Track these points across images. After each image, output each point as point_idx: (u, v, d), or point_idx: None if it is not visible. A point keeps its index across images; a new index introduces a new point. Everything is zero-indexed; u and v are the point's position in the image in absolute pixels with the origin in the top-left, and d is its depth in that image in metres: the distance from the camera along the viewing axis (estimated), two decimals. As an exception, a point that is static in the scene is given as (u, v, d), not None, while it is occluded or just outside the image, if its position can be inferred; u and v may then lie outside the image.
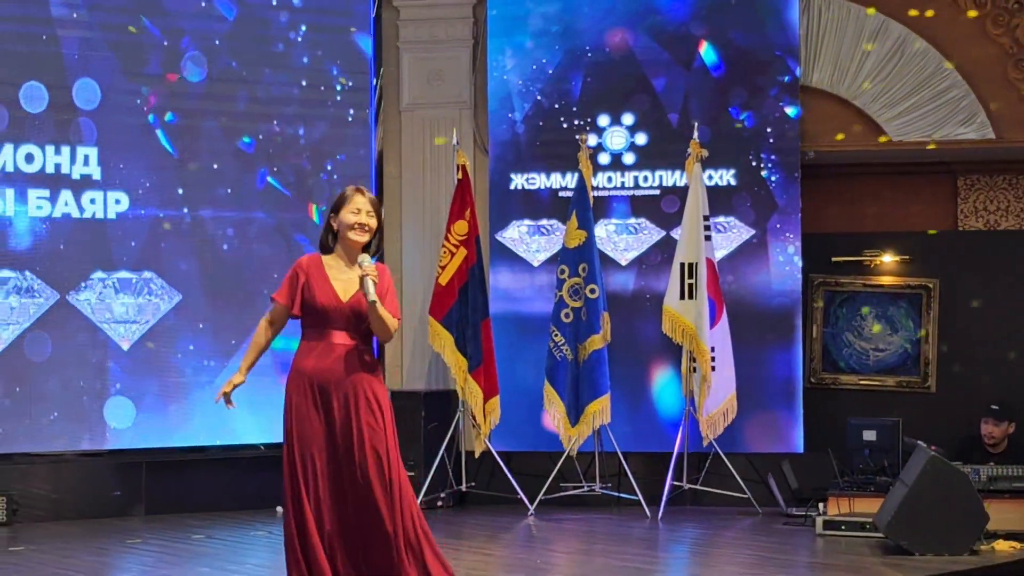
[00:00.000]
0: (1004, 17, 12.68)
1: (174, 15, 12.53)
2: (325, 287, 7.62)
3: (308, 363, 7.62)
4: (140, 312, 12.35)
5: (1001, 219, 13.49)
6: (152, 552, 10.56)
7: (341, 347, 7.68)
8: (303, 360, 7.65)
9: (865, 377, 13.47)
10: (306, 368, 7.63)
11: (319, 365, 7.67)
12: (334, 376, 7.64)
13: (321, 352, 7.67)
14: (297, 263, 7.72)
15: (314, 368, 7.64)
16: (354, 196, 7.77)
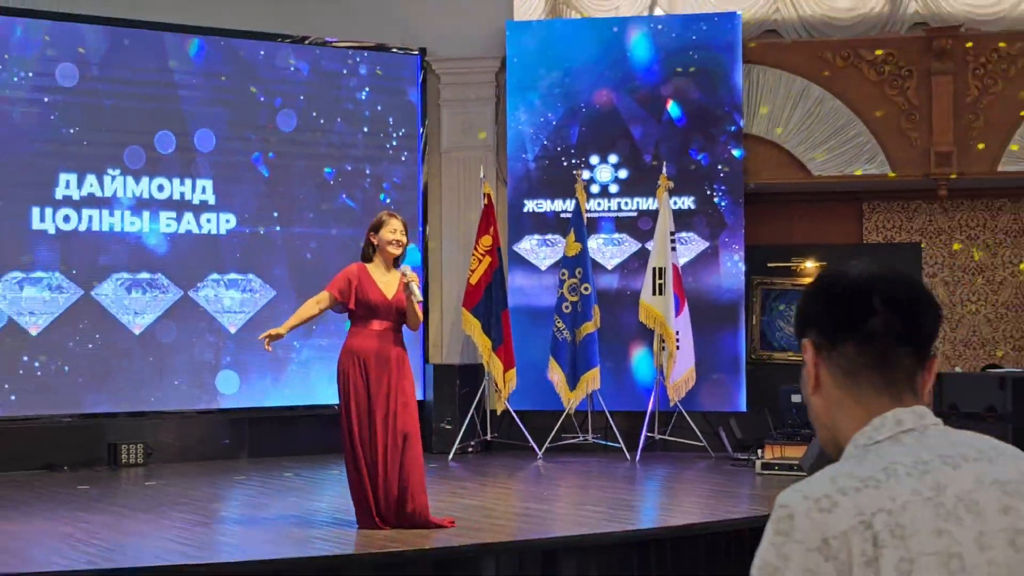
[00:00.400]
0: (898, 82, 12.67)
1: (270, 80, 12.56)
2: (374, 288, 7.97)
3: (356, 343, 7.99)
4: (243, 305, 12.37)
5: (895, 235, 13.48)
6: (253, 486, 10.61)
7: (382, 332, 7.97)
8: (353, 341, 8.06)
9: (793, 354, 13.46)
10: (355, 347, 7.99)
11: (365, 344, 8.00)
12: (377, 352, 7.92)
13: (367, 335, 8.02)
14: (349, 270, 8.11)
15: (360, 347, 8.00)
16: (390, 220, 8.16)
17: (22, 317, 11.43)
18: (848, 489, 2.06)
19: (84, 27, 11.84)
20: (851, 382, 2.21)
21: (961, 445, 2.15)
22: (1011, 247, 13.30)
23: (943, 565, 2.04)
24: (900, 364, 2.19)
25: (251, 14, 12.96)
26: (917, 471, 2.08)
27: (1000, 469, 2.14)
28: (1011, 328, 13.30)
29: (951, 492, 2.07)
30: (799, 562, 2.04)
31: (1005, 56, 12.57)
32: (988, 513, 2.09)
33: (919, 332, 2.20)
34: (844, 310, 2.22)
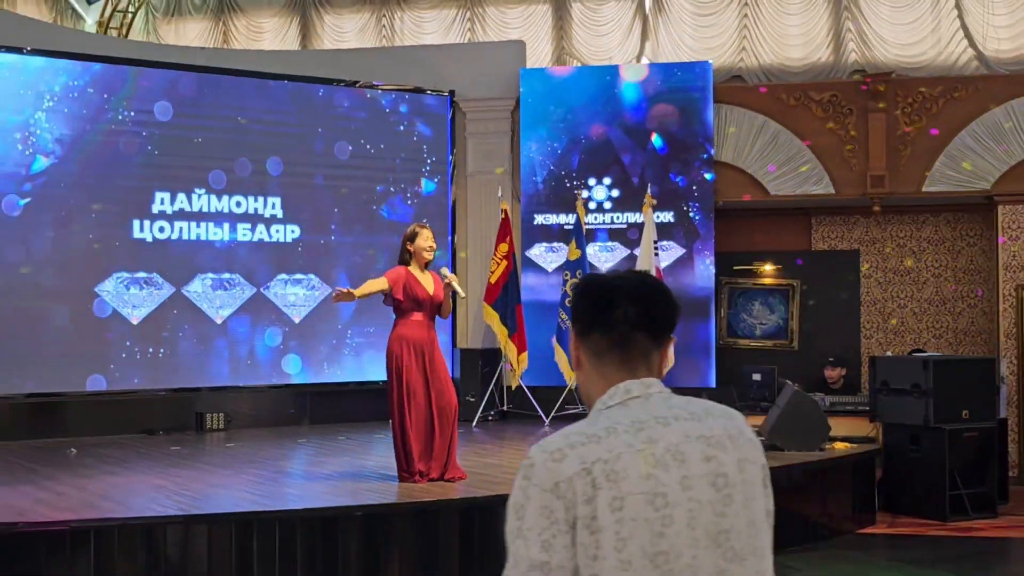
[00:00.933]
0: (840, 118, 12.64)
1: (328, 117, 12.57)
2: (419, 286, 8.01)
3: (405, 331, 8.07)
4: (306, 300, 12.38)
5: (837, 243, 13.45)
6: (313, 447, 10.62)
7: (422, 322, 8.03)
8: (401, 330, 8.13)
9: (754, 341, 13.44)
10: (404, 334, 8.06)
11: (412, 333, 8.06)
12: (420, 339, 7.97)
13: (413, 324, 8.07)
14: (397, 271, 8.31)
15: (409, 334, 8.03)
16: (423, 230, 8.24)
17: (126, 309, 11.46)
18: (576, 444, 2.25)
19: (178, 73, 11.86)
20: (599, 361, 2.38)
21: (676, 408, 2.33)
22: (932, 253, 13.27)
23: (649, 502, 2.21)
24: (637, 346, 2.37)
25: (313, 63, 13.00)
26: (634, 428, 2.26)
27: (706, 426, 2.31)
28: (932, 320, 13.26)
29: (661, 445, 2.25)
30: (537, 500, 2.23)
31: (928, 97, 12.53)
32: (692, 461, 2.26)
33: (653, 321, 2.38)
34: (594, 306, 2.40)
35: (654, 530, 2.21)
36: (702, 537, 2.24)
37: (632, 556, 2.20)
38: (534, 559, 2.23)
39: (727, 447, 2.31)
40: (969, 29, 13.25)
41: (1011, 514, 10.38)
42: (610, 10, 14.20)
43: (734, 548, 2.27)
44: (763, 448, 2.40)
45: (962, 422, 10.17)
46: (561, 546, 2.22)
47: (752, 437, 2.39)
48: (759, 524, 2.32)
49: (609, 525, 2.20)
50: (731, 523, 2.27)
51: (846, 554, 8.87)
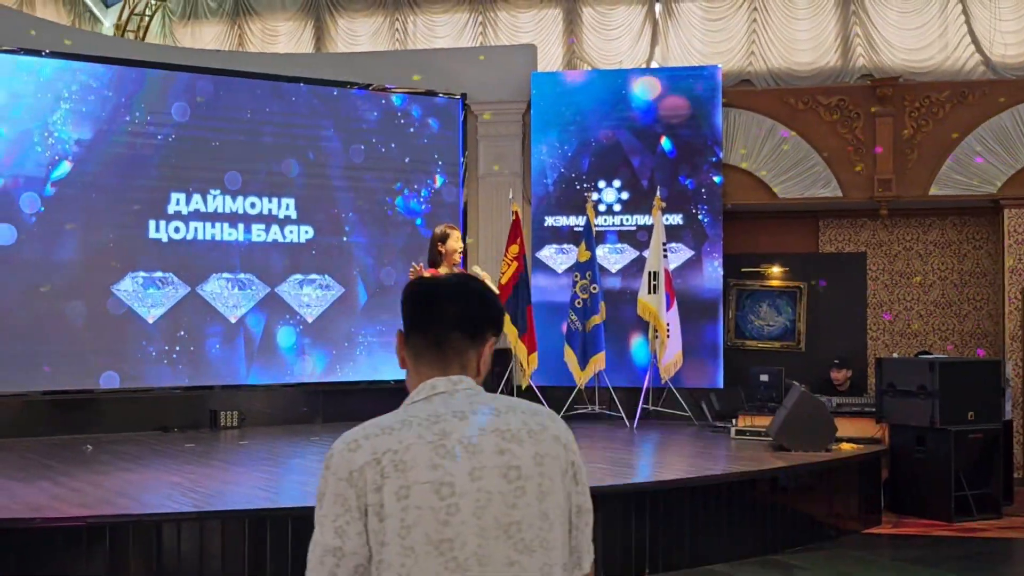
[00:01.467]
0: (848, 122, 12.63)
1: (344, 119, 12.57)
2: None
3: None
4: (319, 300, 12.39)
5: (845, 246, 13.43)
6: (325, 444, 10.54)
7: None
8: None
9: (761, 342, 13.43)
10: None
11: None
12: None
13: None
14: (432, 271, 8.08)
15: None
16: (454, 232, 8.17)
17: (142, 308, 11.48)
18: (371, 435, 2.36)
19: (194, 76, 11.88)
20: (417, 361, 2.49)
21: (478, 403, 2.40)
22: (939, 256, 13.25)
23: (435, 491, 2.28)
24: (452, 346, 2.46)
25: (327, 66, 13.01)
26: (429, 421, 2.35)
27: (504, 421, 2.37)
28: (938, 322, 13.23)
29: (454, 437, 2.32)
30: (333, 488, 2.32)
31: (935, 102, 12.51)
32: (485, 453, 2.32)
33: (468, 322, 2.47)
34: (414, 308, 2.52)
35: (439, 518, 2.27)
36: (491, 527, 2.29)
37: (416, 543, 2.25)
38: (328, 544, 2.30)
39: (524, 441, 2.36)
40: (976, 34, 13.22)
41: (1016, 515, 10.35)
42: (620, 14, 14.20)
43: (524, 540, 2.31)
44: (575, 448, 2.47)
45: (967, 424, 10.14)
46: (354, 532, 2.29)
47: (560, 435, 2.44)
48: (553, 518, 2.35)
49: (395, 512, 2.27)
50: (522, 515, 2.32)
51: (852, 554, 8.85)
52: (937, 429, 10.05)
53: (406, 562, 2.25)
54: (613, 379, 12.39)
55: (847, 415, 10.65)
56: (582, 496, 2.46)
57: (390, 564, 2.27)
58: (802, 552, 8.77)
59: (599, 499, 7.65)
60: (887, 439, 10.51)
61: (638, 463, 10.01)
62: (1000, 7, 13.19)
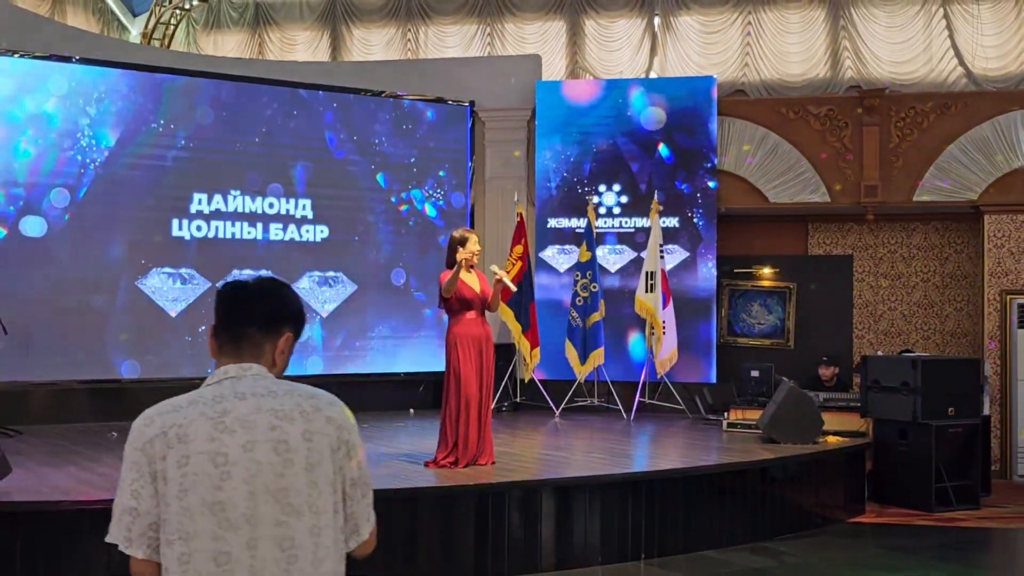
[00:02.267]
0: (836, 130, 12.63)
1: (359, 125, 12.59)
2: (467, 287, 8.08)
3: (461, 329, 8.15)
4: (334, 296, 12.42)
5: (832, 249, 13.44)
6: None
7: (475, 319, 8.07)
8: (457, 328, 8.24)
9: (752, 339, 13.43)
10: (461, 332, 8.15)
11: (467, 330, 8.10)
12: (476, 335, 8.02)
13: (466, 321, 8.10)
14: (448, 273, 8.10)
15: (466, 332, 8.11)
16: (472, 236, 8.28)
17: (165, 303, 11.51)
18: (163, 412, 2.61)
19: (217, 82, 11.90)
20: (221, 351, 2.71)
21: (260, 387, 2.64)
22: (921, 260, 13.25)
23: (211, 460, 2.52)
24: (248, 339, 2.70)
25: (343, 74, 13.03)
26: (213, 401, 2.59)
27: (279, 402, 2.62)
28: (920, 322, 13.24)
29: (232, 415, 2.56)
30: (131, 457, 2.59)
31: (920, 112, 12.51)
32: (259, 429, 2.56)
33: (264, 320, 2.73)
34: (221, 305, 2.74)
35: (213, 484, 2.52)
36: (260, 492, 2.54)
37: (192, 504, 2.50)
38: (125, 505, 2.58)
39: (295, 420, 2.61)
40: (959, 48, 13.23)
41: (992, 506, 10.37)
42: (621, 27, 14.21)
43: (293, 504, 2.56)
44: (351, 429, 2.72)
45: (948, 419, 10.15)
46: (147, 495, 2.55)
47: (334, 417, 2.69)
48: (321, 487, 2.59)
49: (175, 478, 2.52)
50: (290, 483, 2.56)
51: (837, 541, 8.87)
52: (919, 423, 10.07)
53: (183, 521, 2.51)
54: (611, 373, 12.41)
55: (834, 409, 10.66)
56: (356, 471, 2.71)
57: (170, 522, 2.52)
58: (790, 539, 8.78)
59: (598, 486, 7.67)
60: (871, 433, 10.53)
61: (635, 453, 10.01)
62: (982, 23, 13.21)
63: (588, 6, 14.30)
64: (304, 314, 2.86)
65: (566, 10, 14.41)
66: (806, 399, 10.00)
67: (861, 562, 8.29)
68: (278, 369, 2.76)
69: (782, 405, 9.83)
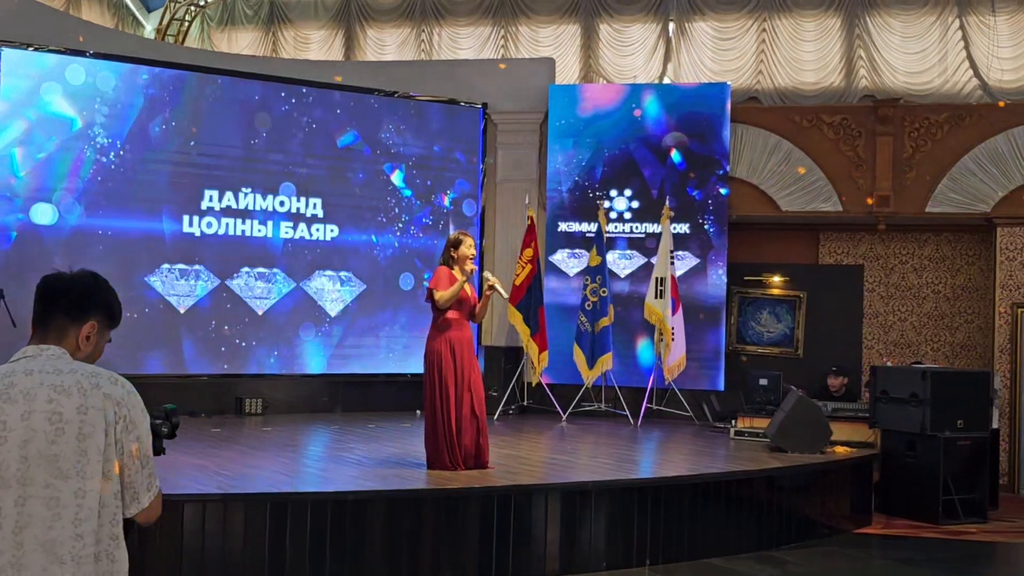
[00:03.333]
0: (850, 139, 12.61)
1: (372, 125, 12.59)
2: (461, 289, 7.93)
3: (456, 333, 8.06)
4: (342, 295, 12.42)
5: (843, 259, 13.41)
6: (345, 433, 10.61)
7: (460, 321, 7.96)
8: (450, 331, 8.07)
9: (761, 347, 13.40)
10: (455, 336, 8.00)
11: (452, 333, 7.98)
12: (460, 338, 7.94)
13: (453, 325, 7.97)
14: (444, 271, 8.05)
15: (449, 333, 7.92)
16: (466, 238, 8.17)
17: (174, 299, 11.52)
18: None
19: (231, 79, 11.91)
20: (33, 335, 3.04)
21: (48, 366, 2.95)
22: (932, 271, 13.21)
23: None
24: (53, 325, 3.03)
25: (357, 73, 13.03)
26: (3, 375, 2.93)
27: (60, 379, 2.92)
28: (931, 334, 13.20)
29: (17, 388, 2.89)
30: None
31: (933, 124, 12.49)
32: (38, 401, 2.88)
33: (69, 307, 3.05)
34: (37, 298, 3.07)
35: None
36: (33, 456, 2.86)
37: None
38: None
39: (73, 395, 2.90)
40: (975, 60, 13.19)
41: (1000, 520, 10.32)
42: (636, 32, 14.19)
43: (61, 468, 2.87)
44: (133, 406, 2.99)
45: (956, 431, 10.10)
46: None
47: (113, 394, 2.96)
48: (91, 455, 2.89)
49: None
50: (61, 450, 2.87)
51: (843, 552, 8.83)
52: (927, 435, 10.02)
53: None
54: (619, 379, 12.39)
55: (842, 419, 10.62)
56: (134, 443, 2.97)
57: None
58: (796, 549, 8.74)
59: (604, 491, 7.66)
60: (879, 443, 10.48)
61: (641, 459, 9.99)
62: (999, 34, 13.16)
63: (603, 10, 14.28)
64: (116, 307, 3.19)
65: (581, 13, 14.39)
66: (815, 408, 9.96)
67: (866, 573, 8.27)
68: (83, 353, 3.06)
69: (791, 414, 9.80)
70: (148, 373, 11.33)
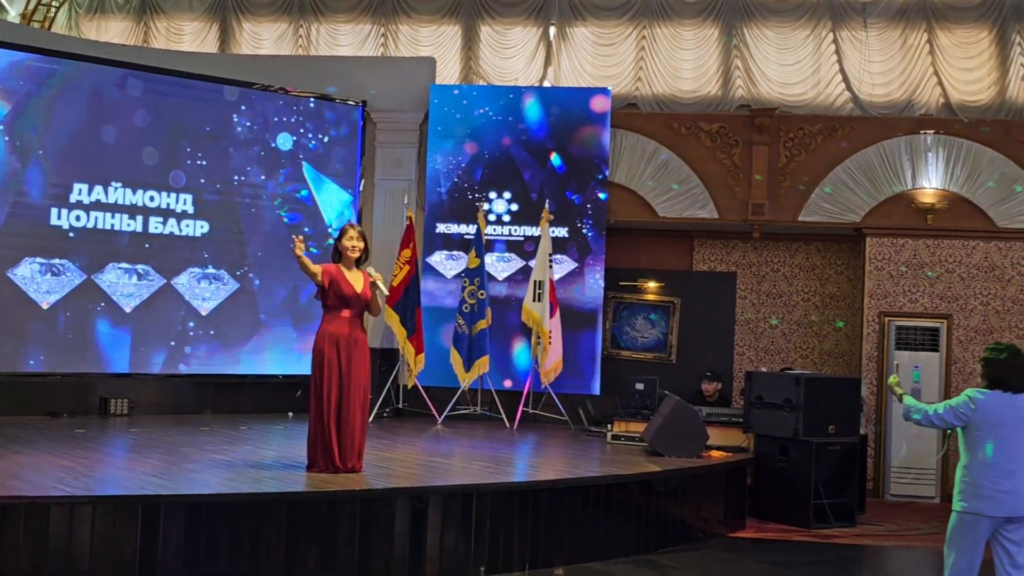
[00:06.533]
0: (727, 148, 12.81)
1: (247, 120, 12.32)
2: (345, 283, 7.83)
3: (331, 328, 7.83)
4: (213, 293, 12.14)
5: (717, 265, 13.61)
6: (216, 435, 10.34)
7: (351, 320, 7.85)
8: (328, 326, 7.87)
9: (636, 352, 13.51)
10: (330, 330, 7.82)
11: (338, 329, 7.83)
12: (347, 336, 7.77)
13: (340, 322, 7.86)
14: (328, 266, 8.01)
15: (335, 330, 7.81)
16: (349, 229, 8.03)
17: (37, 295, 11.10)
18: None
19: (101, 69, 11.54)
20: None
21: None
22: (803, 279, 13.49)
23: None
24: None
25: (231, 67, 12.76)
26: None
27: None
28: (800, 341, 13.47)
29: None
30: None
31: (808, 134, 12.76)
32: None
33: None
34: None
35: None
36: None
37: None
38: None
39: None
40: (847, 73, 13.50)
41: (867, 524, 10.57)
42: (516, 34, 14.18)
43: None
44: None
45: (828, 437, 10.32)
46: None
47: None
48: None
49: None
50: None
51: (718, 555, 8.93)
52: (800, 440, 10.21)
53: None
54: (496, 382, 12.35)
55: (716, 424, 10.76)
56: None
57: None
58: (672, 553, 8.81)
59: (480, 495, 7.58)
60: (753, 448, 10.64)
61: (518, 463, 9.95)
62: (870, 49, 13.51)
63: (484, 11, 14.24)
64: None
65: (461, 14, 14.33)
66: (692, 413, 10.06)
67: (741, 576, 8.37)
68: None
69: (668, 418, 9.88)
70: (7, 371, 10.91)
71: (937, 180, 12.60)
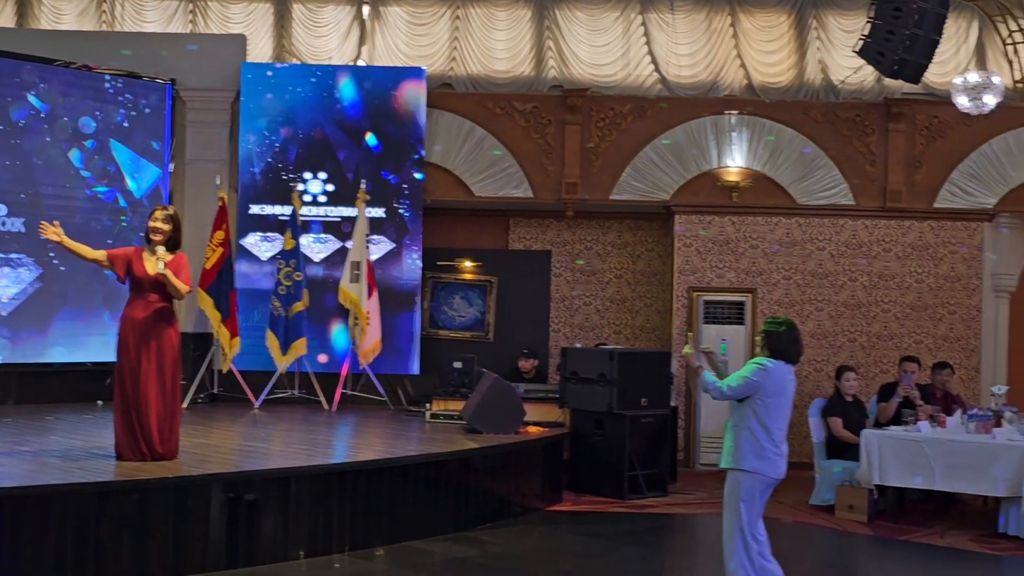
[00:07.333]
0: (540, 127, 12.96)
1: (49, 104, 11.82)
2: (140, 266, 7.58)
3: (133, 313, 7.62)
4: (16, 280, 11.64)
5: (532, 244, 13.75)
6: (19, 427, 9.91)
7: (151, 303, 7.61)
8: (130, 311, 7.66)
9: (454, 332, 13.55)
10: (132, 316, 7.60)
11: (138, 314, 7.61)
12: (147, 320, 7.55)
13: (139, 306, 7.65)
14: (128, 248, 7.97)
15: (131, 314, 7.62)
16: (155, 212, 7.82)
17: None
18: None
19: None
20: None
21: None
22: (616, 257, 13.75)
23: None
24: None
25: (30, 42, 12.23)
26: None
27: None
28: (613, 317, 13.73)
29: None
30: None
31: (618, 114, 12.99)
32: None
33: None
34: None
35: None
36: None
37: None
38: None
39: None
40: (655, 55, 13.76)
41: (678, 493, 10.87)
42: (329, 13, 13.97)
43: None
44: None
45: (641, 409, 10.55)
46: None
47: None
48: None
49: None
50: None
51: (536, 529, 9.05)
52: (614, 414, 10.42)
53: None
54: (314, 364, 12.22)
55: (534, 400, 10.90)
56: None
57: None
58: (491, 528, 8.89)
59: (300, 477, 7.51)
60: (569, 423, 10.81)
61: (337, 444, 9.88)
62: (677, 32, 13.79)
63: (296, -10, 13.99)
64: None
65: (273, -8, 14.05)
66: (509, 390, 10.16)
67: (559, 549, 8.49)
68: None
69: (486, 396, 9.94)
70: None
71: (741, 159, 12.98)
